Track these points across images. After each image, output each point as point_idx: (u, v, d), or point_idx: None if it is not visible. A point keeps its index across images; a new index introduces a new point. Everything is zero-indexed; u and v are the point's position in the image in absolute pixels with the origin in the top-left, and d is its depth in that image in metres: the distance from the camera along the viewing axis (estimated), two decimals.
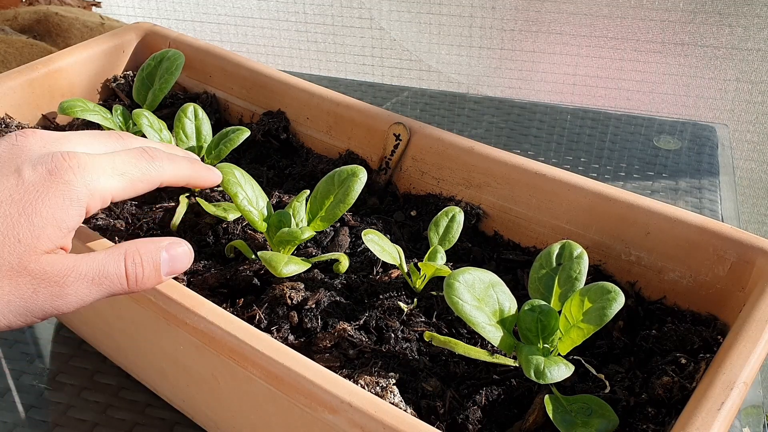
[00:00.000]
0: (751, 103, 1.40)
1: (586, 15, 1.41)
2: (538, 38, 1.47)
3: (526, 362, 0.43)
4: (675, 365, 0.46)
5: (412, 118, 0.64)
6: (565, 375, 0.42)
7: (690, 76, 1.41)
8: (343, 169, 0.55)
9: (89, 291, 0.41)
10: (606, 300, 0.43)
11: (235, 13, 1.72)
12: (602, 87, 1.48)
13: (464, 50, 1.53)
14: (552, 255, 0.49)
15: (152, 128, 0.63)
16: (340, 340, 0.49)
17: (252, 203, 0.54)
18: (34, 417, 0.62)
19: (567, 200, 0.57)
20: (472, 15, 1.48)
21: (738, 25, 1.33)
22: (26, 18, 1.26)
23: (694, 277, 0.52)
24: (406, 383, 0.47)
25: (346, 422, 0.39)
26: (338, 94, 0.68)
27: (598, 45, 1.44)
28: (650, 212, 0.53)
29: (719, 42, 1.36)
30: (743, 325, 0.44)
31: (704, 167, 0.94)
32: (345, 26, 1.61)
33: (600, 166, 0.94)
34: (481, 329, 0.44)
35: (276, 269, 0.49)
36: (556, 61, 1.48)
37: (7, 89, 0.69)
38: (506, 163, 0.59)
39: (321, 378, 0.41)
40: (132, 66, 0.79)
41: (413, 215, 0.62)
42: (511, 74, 1.53)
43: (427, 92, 1.12)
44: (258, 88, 0.73)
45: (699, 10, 1.34)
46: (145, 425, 0.60)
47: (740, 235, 0.50)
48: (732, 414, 0.39)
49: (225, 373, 0.48)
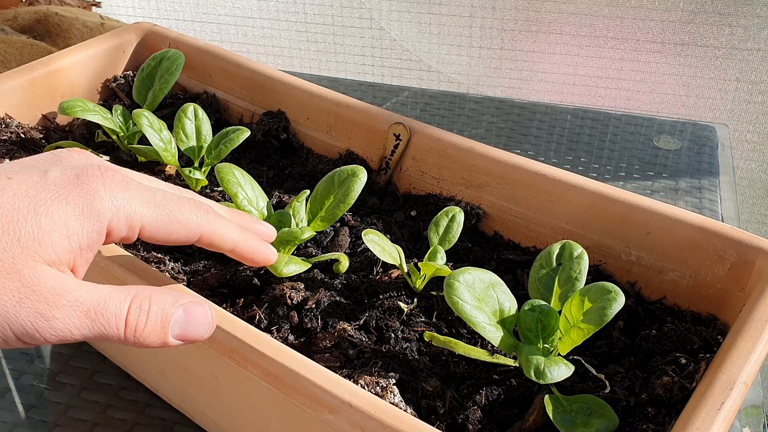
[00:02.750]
0: (751, 103, 1.40)
1: (586, 15, 1.41)
2: (538, 38, 1.47)
3: (526, 362, 0.43)
4: (675, 365, 0.46)
5: (412, 118, 0.64)
6: (565, 375, 0.42)
7: (690, 76, 1.41)
8: (343, 169, 0.55)
9: (79, 323, 0.35)
10: (606, 300, 0.43)
11: (235, 13, 1.72)
12: (602, 87, 1.48)
13: (464, 50, 1.53)
14: (552, 255, 0.49)
15: (152, 128, 0.63)
16: (340, 340, 0.49)
17: (252, 203, 0.54)
18: (34, 417, 0.62)
19: (567, 200, 0.57)
20: (472, 15, 1.48)
21: (738, 25, 1.33)
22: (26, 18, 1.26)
23: (694, 277, 0.52)
24: (406, 383, 0.47)
25: (346, 422, 0.39)
26: (338, 94, 0.68)
27: (598, 45, 1.43)
28: (650, 212, 0.53)
29: (719, 42, 1.36)
30: (743, 325, 0.44)
31: (704, 167, 0.94)
32: (345, 26, 1.61)
33: (600, 166, 0.94)
34: (481, 329, 0.44)
35: (276, 269, 0.50)
36: (556, 61, 1.48)
37: (7, 89, 0.69)
38: (506, 163, 0.59)
39: (321, 378, 0.41)
40: (132, 66, 0.79)
41: (413, 215, 0.62)
42: (511, 74, 1.53)
43: (427, 92, 1.12)
44: (258, 88, 0.73)
45: (699, 10, 1.34)
46: (145, 425, 0.60)
47: (740, 235, 0.50)
48: (732, 414, 0.39)
49: (225, 373, 0.48)
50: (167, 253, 0.57)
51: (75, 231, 0.36)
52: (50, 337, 0.35)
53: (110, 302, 0.36)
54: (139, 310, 0.37)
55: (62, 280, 0.35)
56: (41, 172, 0.37)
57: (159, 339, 0.37)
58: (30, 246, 0.34)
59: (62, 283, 0.35)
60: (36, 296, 0.34)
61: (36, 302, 0.34)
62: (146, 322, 0.37)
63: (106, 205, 0.37)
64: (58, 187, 0.36)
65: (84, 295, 0.35)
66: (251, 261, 0.46)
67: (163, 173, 0.67)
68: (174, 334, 0.38)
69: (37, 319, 0.34)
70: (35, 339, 0.35)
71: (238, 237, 0.43)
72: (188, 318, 0.38)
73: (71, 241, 0.36)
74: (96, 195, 0.36)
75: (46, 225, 0.35)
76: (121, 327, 0.36)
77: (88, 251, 0.37)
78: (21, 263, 0.34)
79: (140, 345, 0.37)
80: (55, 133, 0.73)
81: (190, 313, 0.38)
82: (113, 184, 0.37)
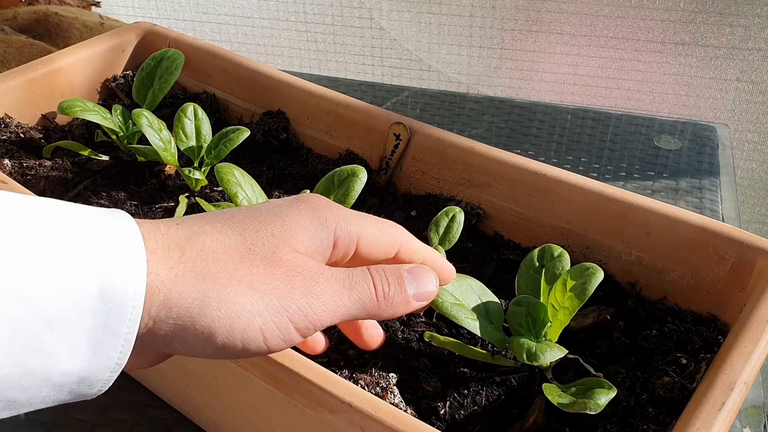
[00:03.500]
0: (751, 103, 1.40)
1: (586, 15, 1.41)
2: (538, 38, 1.47)
3: (518, 347, 0.44)
4: (675, 365, 0.46)
5: (412, 118, 0.64)
6: (557, 356, 0.43)
7: (690, 76, 1.41)
8: (343, 169, 0.55)
9: (341, 294, 0.37)
10: (587, 276, 0.45)
11: (235, 13, 1.72)
12: (602, 87, 1.48)
13: (464, 50, 1.53)
14: (534, 258, 0.51)
15: (152, 128, 0.63)
16: (340, 340, 0.49)
17: (252, 203, 0.54)
18: (34, 417, 0.62)
19: (567, 200, 0.56)
20: (472, 15, 1.48)
21: (738, 25, 1.33)
22: (26, 18, 1.26)
23: (694, 277, 0.52)
24: (406, 383, 0.47)
25: (346, 422, 0.39)
26: (338, 94, 0.68)
27: (598, 45, 1.43)
28: (651, 212, 0.53)
29: (720, 42, 1.36)
30: (744, 325, 0.44)
31: (705, 167, 0.94)
32: (345, 26, 1.61)
33: (600, 166, 0.94)
34: (464, 322, 0.45)
35: None
36: (556, 61, 1.48)
37: (6, 89, 0.69)
38: (506, 163, 0.59)
39: (321, 378, 0.41)
40: (132, 66, 0.79)
41: (413, 215, 0.62)
42: (511, 74, 1.53)
43: (427, 92, 1.12)
44: (258, 88, 0.73)
45: (699, 10, 1.34)
46: (145, 425, 0.60)
47: (741, 235, 0.50)
48: (732, 414, 0.39)
49: (225, 373, 0.48)
50: None
51: (313, 233, 0.38)
52: (323, 313, 0.36)
53: (355, 274, 0.38)
54: (379, 276, 0.39)
55: (315, 262, 0.37)
56: (263, 202, 0.40)
57: (404, 301, 0.40)
58: (284, 239, 0.37)
59: (316, 264, 0.37)
60: (302, 276, 0.36)
61: (303, 280, 0.36)
62: (389, 286, 0.39)
63: (330, 218, 0.39)
64: (287, 203, 0.39)
65: (335, 271, 0.38)
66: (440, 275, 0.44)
67: (162, 173, 0.67)
68: (411, 293, 0.40)
69: (308, 296, 0.36)
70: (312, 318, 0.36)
71: (426, 251, 0.44)
72: (413, 275, 0.41)
73: (312, 241, 0.38)
74: (320, 209, 0.39)
75: (291, 224, 0.38)
76: (373, 293, 0.38)
77: (323, 256, 0.39)
78: (281, 252, 0.36)
79: (390, 312, 0.39)
80: (54, 132, 0.73)
81: (414, 273, 0.41)
82: (330, 203, 0.40)
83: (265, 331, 0.34)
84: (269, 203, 0.39)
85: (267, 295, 0.34)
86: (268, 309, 0.34)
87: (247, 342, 0.34)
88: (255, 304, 0.34)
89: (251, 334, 0.34)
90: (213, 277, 0.34)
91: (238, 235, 0.36)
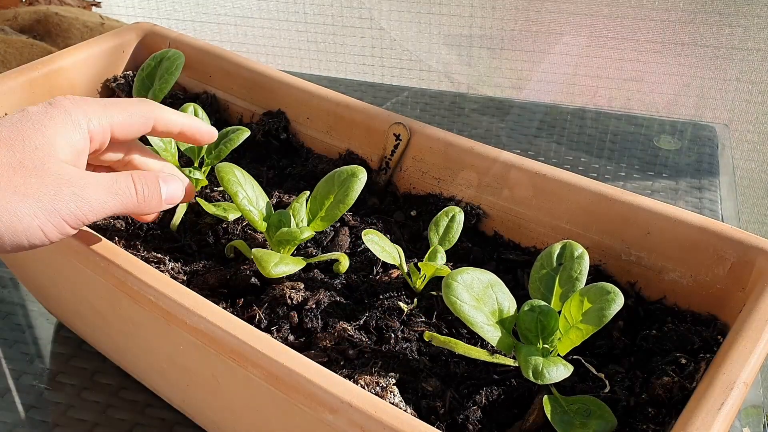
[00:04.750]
0: (751, 103, 1.40)
1: (586, 15, 1.41)
2: (538, 38, 1.47)
3: (525, 362, 0.43)
4: (675, 365, 0.46)
5: (412, 118, 0.64)
6: (563, 375, 0.42)
7: (690, 76, 1.41)
8: (343, 169, 0.55)
9: (106, 198, 0.44)
10: (605, 301, 0.43)
11: (235, 13, 1.72)
12: (602, 87, 1.48)
13: (464, 50, 1.53)
14: (553, 255, 0.49)
15: None
16: (340, 340, 0.49)
17: (252, 203, 0.54)
18: (34, 417, 0.62)
19: (567, 200, 0.57)
20: (472, 15, 1.48)
21: (738, 25, 1.33)
22: (26, 18, 1.26)
23: (694, 277, 0.52)
24: (406, 383, 0.47)
25: (346, 422, 0.39)
26: (338, 94, 0.68)
27: (598, 45, 1.43)
28: (651, 212, 0.53)
29: (719, 42, 1.36)
30: (743, 325, 0.44)
31: (704, 167, 0.94)
32: (345, 26, 1.61)
33: (600, 166, 0.94)
34: (480, 329, 0.44)
35: (265, 269, 0.49)
36: (556, 61, 1.48)
37: (7, 89, 0.69)
38: (505, 162, 0.59)
39: (321, 378, 0.41)
40: (132, 66, 0.79)
41: (413, 215, 0.62)
42: (511, 74, 1.53)
43: (427, 92, 1.12)
44: (258, 88, 0.73)
45: (699, 10, 1.34)
46: (145, 425, 0.60)
47: (740, 235, 0.50)
48: (732, 414, 0.39)
49: (225, 373, 0.48)
50: (167, 253, 0.57)
51: (70, 137, 0.45)
52: (91, 213, 0.44)
53: (119, 180, 0.46)
54: (140, 181, 0.47)
55: (80, 170, 0.45)
56: (20, 111, 0.45)
57: (158, 201, 0.48)
58: (48, 150, 0.43)
59: (81, 172, 0.44)
60: (69, 183, 0.43)
61: (71, 187, 0.43)
62: (148, 189, 0.47)
63: (80, 117, 0.46)
64: (39, 113, 0.45)
65: (101, 177, 0.45)
66: (195, 140, 0.54)
67: None
68: (164, 196, 0.49)
69: (77, 200, 0.43)
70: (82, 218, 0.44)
71: (184, 120, 0.53)
72: (166, 184, 0.49)
73: (71, 146, 0.45)
74: (69, 112, 0.45)
75: (50, 134, 0.44)
76: (134, 196, 0.46)
77: (83, 156, 0.46)
78: (48, 162, 0.43)
79: (146, 209, 0.48)
80: None
81: (167, 181, 0.49)
82: (77, 101, 0.46)
83: (44, 229, 0.42)
84: (25, 113, 0.45)
85: (41, 201, 0.42)
86: (43, 212, 0.42)
87: (31, 238, 0.42)
88: (31, 208, 0.41)
89: (33, 232, 0.42)
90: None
91: (8, 152, 0.42)
